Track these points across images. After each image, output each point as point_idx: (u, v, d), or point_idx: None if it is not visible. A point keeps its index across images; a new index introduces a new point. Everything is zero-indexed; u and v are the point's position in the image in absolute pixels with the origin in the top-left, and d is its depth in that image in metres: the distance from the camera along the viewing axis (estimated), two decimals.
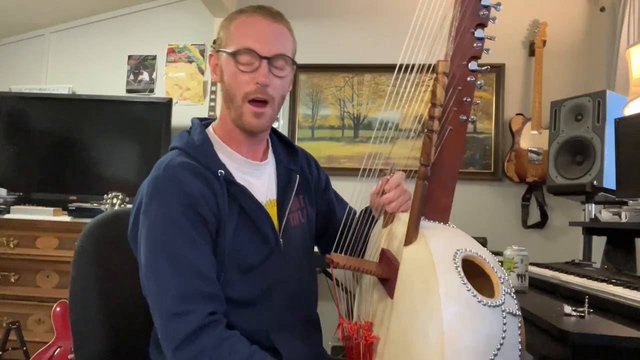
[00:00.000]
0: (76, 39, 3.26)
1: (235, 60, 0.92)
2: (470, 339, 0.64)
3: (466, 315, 0.65)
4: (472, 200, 2.84)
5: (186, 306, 0.82)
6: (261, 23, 0.94)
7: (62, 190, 2.82)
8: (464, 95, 0.80)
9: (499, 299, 0.67)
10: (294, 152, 1.12)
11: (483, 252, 0.74)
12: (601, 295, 1.11)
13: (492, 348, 0.63)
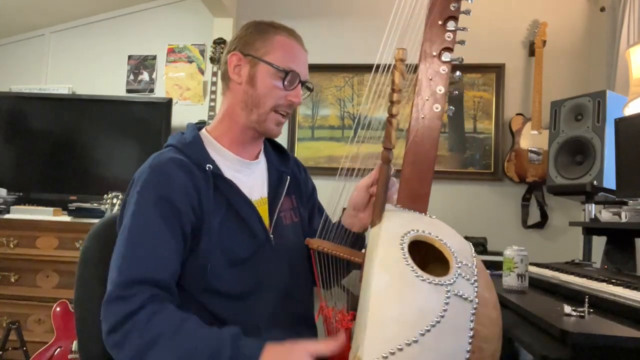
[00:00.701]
0: (76, 39, 3.27)
1: (283, 77, 1.01)
2: (398, 309, 0.62)
3: (397, 286, 0.64)
4: (472, 200, 2.85)
5: (130, 290, 0.83)
6: (301, 51, 1.07)
7: (62, 190, 2.82)
8: (437, 85, 0.80)
9: (447, 279, 0.65)
10: (285, 156, 1.18)
11: (450, 239, 0.72)
12: (601, 295, 1.11)
13: (423, 323, 0.61)
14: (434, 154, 0.82)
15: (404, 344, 0.59)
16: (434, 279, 0.65)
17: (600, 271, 1.56)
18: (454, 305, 0.63)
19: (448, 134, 2.89)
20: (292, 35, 1.06)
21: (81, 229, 2.48)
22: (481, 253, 2.48)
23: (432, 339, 0.60)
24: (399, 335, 0.60)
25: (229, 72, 1.04)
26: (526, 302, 1.22)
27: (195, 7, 3.13)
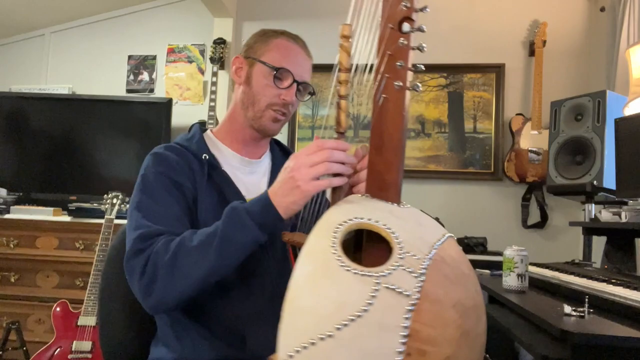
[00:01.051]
0: (76, 39, 3.27)
1: (275, 75, 1.03)
2: (314, 300, 0.57)
3: (317, 276, 0.59)
4: (472, 200, 2.85)
5: (145, 243, 0.87)
6: (300, 53, 1.08)
7: (62, 190, 2.82)
8: (397, 60, 0.72)
9: (379, 270, 0.58)
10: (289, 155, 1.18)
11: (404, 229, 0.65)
12: (601, 295, 1.11)
13: (341, 316, 0.55)
14: (398, 137, 0.72)
15: (318, 338, 0.54)
16: (361, 270, 0.58)
17: (600, 271, 1.56)
18: (383, 299, 0.56)
19: (448, 134, 2.89)
20: (292, 39, 1.08)
21: (81, 229, 2.48)
22: (481, 253, 2.48)
23: (349, 335, 0.54)
24: (313, 328, 0.55)
25: (232, 75, 1.11)
26: (526, 302, 1.22)
27: (195, 7, 3.13)
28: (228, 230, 0.83)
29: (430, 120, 2.91)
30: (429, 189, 2.88)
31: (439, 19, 2.92)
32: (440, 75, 2.92)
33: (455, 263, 0.64)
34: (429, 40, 1.04)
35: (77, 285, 2.44)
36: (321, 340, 0.54)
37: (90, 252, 2.41)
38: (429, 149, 2.90)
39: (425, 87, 2.93)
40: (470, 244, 2.51)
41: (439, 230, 0.69)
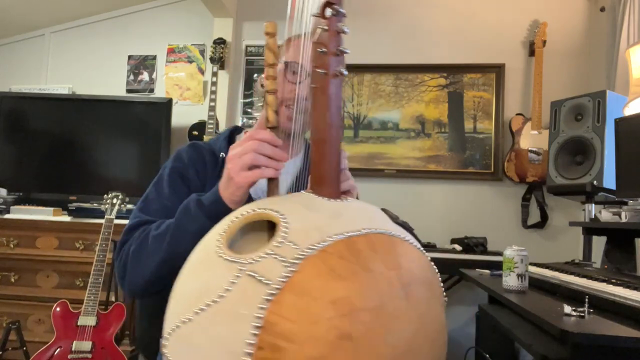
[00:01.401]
0: (76, 39, 3.27)
1: (286, 70, 1.03)
2: (185, 285, 0.59)
3: (196, 263, 0.61)
4: (472, 200, 2.85)
5: (129, 234, 0.95)
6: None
7: (62, 190, 2.82)
8: (319, 47, 0.70)
9: (248, 257, 0.55)
10: None
11: (302, 217, 0.60)
12: (601, 295, 1.11)
13: (201, 300, 0.54)
14: (323, 127, 0.69)
15: (181, 322, 0.54)
16: (231, 256, 0.55)
17: (600, 271, 1.56)
18: (242, 286, 0.52)
19: (448, 134, 2.89)
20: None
21: (81, 229, 2.48)
22: (481, 253, 2.48)
23: (205, 320, 0.52)
24: (179, 312, 0.55)
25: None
26: (526, 302, 1.22)
27: (195, 7, 3.13)
28: (181, 221, 0.86)
29: (430, 120, 2.91)
30: (429, 189, 2.88)
31: (439, 19, 2.92)
32: (440, 75, 2.91)
33: (365, 260, 0.55)
34: (429, 40, 1.05)
35: (77, 285, 2.44)
36: (183, 324, 0.54)
37: (90, 252, 2.41)
38: (429, 149, 2.90)
39: (425, 87, 2.92)
40: (470, 244, 2.51)
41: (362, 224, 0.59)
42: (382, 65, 2.94)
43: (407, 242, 0.63)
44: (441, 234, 2.75)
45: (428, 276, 0.63)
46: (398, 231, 0.64)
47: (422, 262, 0.64)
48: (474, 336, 1.99)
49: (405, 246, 0.62)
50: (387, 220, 0.67)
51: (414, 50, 2.91)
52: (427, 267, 0.65)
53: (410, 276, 0.59)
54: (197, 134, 2.92)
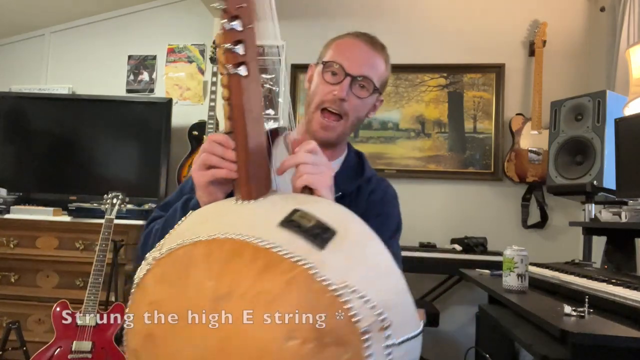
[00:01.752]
0: (76, 39, 3.27)
1: (324, 70, 0.97)
2: None
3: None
4: (472, 200, 2.85)
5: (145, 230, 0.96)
6: (360, 46, 0.99)
7: (62, 190, 2.82)
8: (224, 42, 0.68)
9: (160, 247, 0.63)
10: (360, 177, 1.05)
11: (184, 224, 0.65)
12: (601, 295, 1.11)
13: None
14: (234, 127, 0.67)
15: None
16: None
17: (600, 271, 1.56)
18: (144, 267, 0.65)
19: (448, 134, 2.89)
20: (358, 36, 1.01)
21: (81, 229, 2.48)
22: (481, 253, 2.48)
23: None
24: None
25: (306, 82, 1.08)
26: (526, 302, 1.22)
27: (195, 7, 3.13)
28: (168, 219, 0.89)
29: (430, 120, 2.91)
30: (429, 189, 2.88)
31: (439, 19, 2.92)
32: (440, 75, 2.91)
33: (190, 268, 0.56)
34: (429, 40, 1.05)
35: (77, 285, 2.44)
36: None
37: (90, 252, 2.41)
38: (429, 149, 2.90)
39: (425, 87, 2.92)
40: (470, 244, 2.51)
41: (220, 229, 0.58)
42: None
43: (275, 252, 0.54)
44: (441, 234, 2.75)
45: (277, 293, 0.52)
46: (271, 238, 0.55)
47: (282, 279, 0.53)
48: (474, 336, 1.99)
49: (261, 256, 0.54)
50: (269, 224, 0.58)
51: (414, 50, 2.91)
52: (272, 280, 0.53)
53: (231, 289, 0.53)
54: (197, 134, 2.92)
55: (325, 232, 0.57)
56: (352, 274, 0.54)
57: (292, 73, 3.04)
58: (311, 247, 0.55)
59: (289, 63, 3.05)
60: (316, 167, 0.74)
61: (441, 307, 2.68)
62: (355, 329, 0.51)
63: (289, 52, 3.05)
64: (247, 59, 0.67)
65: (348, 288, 0.52)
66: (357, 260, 0.57)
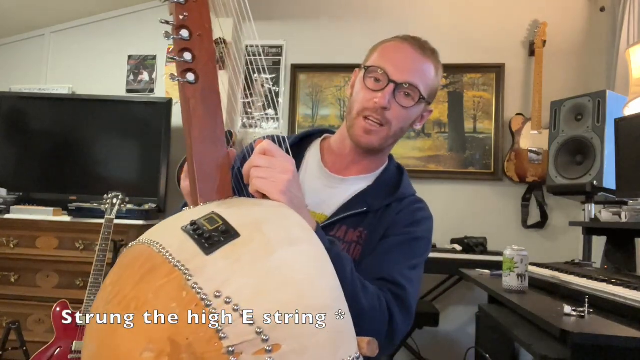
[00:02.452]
0: (76, 39, 3.26)
1: (366, 76, 0.93)
2: None
3: None
4: (472, 200, 2.85)
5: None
6: (407, 51, 0.93)
7: (62, 190, 2.82)
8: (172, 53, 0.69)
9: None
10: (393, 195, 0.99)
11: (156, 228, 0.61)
12: (601, 295, 1.11)
13: None
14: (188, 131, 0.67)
15: None
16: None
17: (600, 271, 1.56)
18: None
19: (448, 134, 2.89)
20: (407, 40, 0.95)
21: (81, 229, 2.48)
22: (481, 253, 2.48)
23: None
24: None
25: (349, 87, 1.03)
26: (526, 302, 1.22)
27: None
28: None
29: (430, 120, 2.91)
30: (429, 189, 2.88)
31: (439, 19, 2.92)
32: None
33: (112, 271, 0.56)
34: (429, 40, 1.04)
35: (77, 285, 2.44)
36: None
37: (90, 252, 2.41)
38: (429, 149, 2.90)
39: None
40: (470, 244, 2.51)
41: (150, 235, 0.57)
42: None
43: (163, 257, 0.51)
44: (441, 234, 2.75)
45: (147, 300, 0.48)
46: (164, 241, 0.53)
47: (155, 285, 0.49)
48: (474, 336, 1.99)
49: (150, 261, 0.52)
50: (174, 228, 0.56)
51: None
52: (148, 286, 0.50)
53: (116, 294, 0.51)
54: None
55: (223, 235, 0.52)
56: (234, 283, 0.47)
57: (292, 73, 3.04)
58: (198, 252, 0.50)
59: (289, 63, 3.05)
60: (267, 171, 0.69)
61: (441, 307, 2.68)
62: (219, 346, 0.44)
63: (289, 52, 3.05)
64: (194, 66, 0.67)
65: (221, 298, 0.46)
66: (250, 267, 0.50)
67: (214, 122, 0.68)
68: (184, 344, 0.44)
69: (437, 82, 0.98)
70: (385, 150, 1.01)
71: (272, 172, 0.69)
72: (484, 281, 1.64)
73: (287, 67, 3.06)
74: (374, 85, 0.91)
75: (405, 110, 0.92)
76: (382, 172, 1.02)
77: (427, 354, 2.69)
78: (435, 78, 0.97)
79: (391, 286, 0.85)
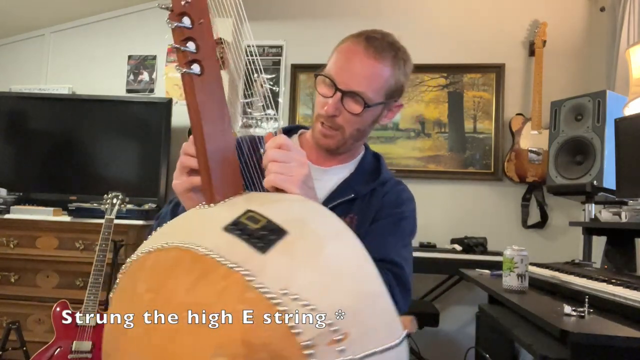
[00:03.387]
0: (76, 39, 3.26)
1: (317, 83, 0.94)
2: None
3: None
4: (472, 200, 2.85)
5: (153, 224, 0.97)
6: (357, 56, 0.92)
7: (62, 190, 2.82)
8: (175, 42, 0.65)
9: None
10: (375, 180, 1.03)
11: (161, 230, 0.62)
12: (601, 295, 1.11)
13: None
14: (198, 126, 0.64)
15: None
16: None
17: (600, 271, 1.56)
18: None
19: (448, 134, 2.89)
20: (356, 42, 0.94)
21: (81, 229, 2.48)
22: (481, 253, 2.48)
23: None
24: None
25: None
26: (526, 302, 1.22)
27: None
28: (159, 223, 0.86)
29: (430, 120, 2.91)
30: (429, 189, 2.88)
31: (439, 19, 2.92)
32: (440, 75, 2.91)
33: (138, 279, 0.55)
34: (429, 40, 1.05)
35: (77, 285, 2.44)
36: None
37: (90, 252, 2.41)
38: (429, 149, 2.90)
39: (425, 87, 2.92)
40: (470, 244, 2.51)
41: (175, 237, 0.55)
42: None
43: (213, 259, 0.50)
44: (441, 234, 2.75)
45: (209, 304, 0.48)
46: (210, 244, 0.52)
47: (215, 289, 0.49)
48: (474, 336, 1.99)
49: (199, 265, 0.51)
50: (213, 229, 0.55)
51: (414, 50, 2.87)
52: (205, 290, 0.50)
53: (166, 301, 0.50)
54: None
55: (272, 233, 0.52)
56: (297, 279, 0.48)
57: (292, 73, 3.04)
58: (252, 252, 0.50)
59: (289, 63, 3.05)
60: (284, 166, 0.69)
61: (441, 307, 2.68)
62: (295, 342, 0.45)
63: (289, 52, 3.05)
64: (200, 57, 0.63)
65: (288, 295, 0.46)
66: (307, 263, 0.51)
67: (222, 114, 0.65)
68: (259, 344, 0.44)
69: (396, 78, 0.98)
70: (356, 144, 1.04)
71: (290, 167, 0.69)
72: (484, 281, 1.64)
73: (287, 67, 3.06)
74: (324, 92, 0.93)
75: (355, 115, 0.92)
76: (361, 160, 1.06)
77: (427, 354, 2.69)
78: (391, 78, 0.96)
79: (391, 266, 0.88)
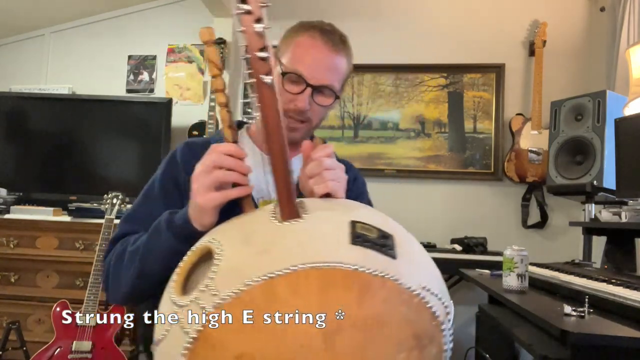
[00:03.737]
0: (76, 39, 3.26)
1: (284, 80, 0.93)
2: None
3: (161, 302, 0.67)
4: (472, 200, 2.85)
5: (111, 246, 0.93)
6: (319, 49, 0.94)
7: (62, 190, 2.82)
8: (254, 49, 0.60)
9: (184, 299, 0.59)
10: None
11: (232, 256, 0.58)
12: (601, 295, 1.11)
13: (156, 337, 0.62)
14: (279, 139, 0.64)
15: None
16: (177, 298, 0.57)
17: (600, 271, 1.56)
18: (173, 332, 0.55)
19: (448, 134, 2.89)
20: (316, 36, 0.95)
21: (81, 229, 2.48)
22: (481, 253, 2.48)
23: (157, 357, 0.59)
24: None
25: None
26: (526, 302, 1.22)
27: (195, 7, 3.12)
28: (151, 240, 0.82)
29: (430, 120, 2.91)
30: (429, 189, 2.88)
31: (439, 19, 2.92)
32: (440, 75, 2.91)
33: (280, 307, 0.50)
34: (429, 40, 1.05)
35: (77, 285, 2.44)
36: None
37: (90, 252, 2.40)
38: (429, 149, 2.90)
39: (425, 87, 2.92)
40: (470, 244, 2.51)
41: (293, 259, 0.53)
42: (382, 65, 2.93)
43: (363, 273, 0.53)
44: (441, 234, 2.75)
45: (381, 313, 0.52)
46: (352, 259, 0.53)
47: (379, 299, 0.53)
48: (474, 336, 1.99)
49: (354, 280, 0.53)
50: (341, 244, 0.56)
51: (414, 50, 2.91)
52: (372, 301, 0.52)
53: (341, 321, 0.50)
54: (197, 134, 2.92)
55: (387, 239, 0.59)
56: (421, 274, 0.58)
57: None
58: (387, 259, 0.56)
59: None
60: (336, 173, 0.74)
61: None
62: (437, 323, 0.56)
63: None
64: (271, 66, 0.61)
65: (425, 289, 0.56)
66: (420, 260, 0.61)
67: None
68: (422, 334, 0.54)
69: (348, 70, 1.01)
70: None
71: (339, 174, 0.75)
72: (484, 281, 1.63)
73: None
74: (292, 88, 0.93)
75: (324, 107, 0.97)
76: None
77: None
78: (347, 68, 1.00)
79: None
